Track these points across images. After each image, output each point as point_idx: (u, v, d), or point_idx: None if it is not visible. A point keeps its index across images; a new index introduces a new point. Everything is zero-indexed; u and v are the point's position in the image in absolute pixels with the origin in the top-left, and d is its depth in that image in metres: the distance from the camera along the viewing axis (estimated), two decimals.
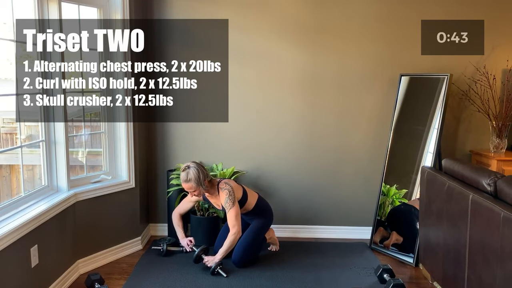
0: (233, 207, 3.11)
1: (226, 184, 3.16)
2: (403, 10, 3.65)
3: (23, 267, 2.45)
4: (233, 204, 3.12)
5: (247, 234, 3.27)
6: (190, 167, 3.10)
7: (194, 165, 3.11)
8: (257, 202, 3.33)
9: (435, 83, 3.47)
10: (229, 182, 3.21)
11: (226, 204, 3.11)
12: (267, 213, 3.39)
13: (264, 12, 3.68)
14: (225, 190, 3.12)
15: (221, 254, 3.11)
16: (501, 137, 3.53)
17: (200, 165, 3.15)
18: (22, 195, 2.69)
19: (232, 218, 3.11)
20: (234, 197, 3.13)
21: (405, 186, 3.54)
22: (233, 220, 3.11)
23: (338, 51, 3.70)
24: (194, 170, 3.08)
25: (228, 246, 3.12)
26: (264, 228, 3.37)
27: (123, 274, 3.12)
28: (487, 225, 2.13)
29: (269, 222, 3.40)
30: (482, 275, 2.19)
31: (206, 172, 3.14)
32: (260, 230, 3.33)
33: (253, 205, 3.30)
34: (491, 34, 3.62)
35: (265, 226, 3.37)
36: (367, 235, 3.77)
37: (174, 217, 3.42)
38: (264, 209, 3.38)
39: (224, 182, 3.18)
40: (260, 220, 3.34)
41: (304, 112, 3.78)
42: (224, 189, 3.13)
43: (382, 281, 2.96)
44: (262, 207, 3.37)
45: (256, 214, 3.33)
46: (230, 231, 3.12)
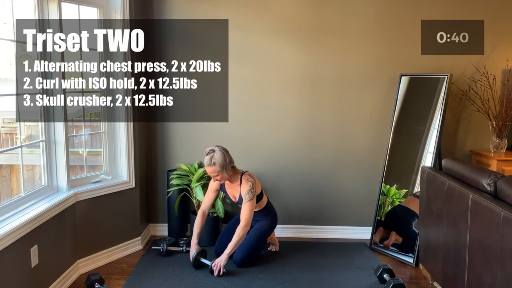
0: (251, 200, 3.12)
1: (250, 176, 3.18)
2: (403, 10, 3.65)
3: (23, 267, 2.45)
4: (252, 198, 3.13)
5: (251, 235, 3.26)
6: (215, 150, 3.08)
7: (219, 148, 3.09)
8: (267, 203, 3.37)
9: (435, 83, 3.47)
10: (252, 175, 3.22)
11: (246, 195, 3.11)
12: (273, 216, 3.41)
13: (264, 12, 3.68)
14: (249, 182, 3.14)
15: (229, 249, 3.08)
16: (501, 137, 3.53)
17: (225, 149, 3.13)
18: (22, 195, 2.69)
19: (247, 210, 3.11)
20: (255, 191, 3.14)
21: (405, 186, 3.54)
22: (248, 212, 3.10)
23: (338, 50, 3.70)
24: (220, 153, 3.06)
25: (237, 239, 3.09)
26: (268, 230, 3.38)
27: (123, 274, 3.12)
28: (487, 225, 2.13)
29: (273, 225, 3.41)
30: (482, 275, 2.19)
31: (230, 157, 3.13)
32: (264, 232, 3.34)
33: (264, 205, 3.33)
34: (491, 34, 3.62)
35: (269, 229, 3.38)
36: (367, 235, 3.77)
37: (198, 216, 3.28)
38: (271, 211, 3.39)
39: (248, 174, 3.20)
40: (266, 222, 3.35)
41: (304, 111, 3.78)
42: (248, 181, 3.14)
43: (382, 281, 2.96)
44: (270, 209, 3.39)
45: (263, 215, 3.34)
46: (241, 223, 3.10)
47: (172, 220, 3.77)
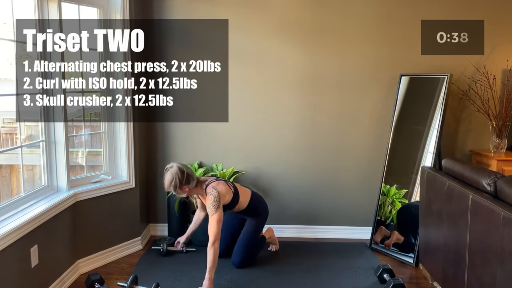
0: (215, 213, 2.92)
1: (213, 189, 2.99)
2: (403, 10, 3.65)
3: (23, 267, 2.44)
4: (216, 211, 2.93)
5: (244, 235, 3.26)
6: (167, 169, 2.96)
7: (174, 169, 2.94)
8: (251, 200, 3.25)
9: (435, 83, 3.47)
10: (217, 186, 3.02)
11: (209, 210, 2.96)
12: (262, 209, 3.34)
13: (264, 12, 3.68)
14: (211, 196, 2.96)
15: (209, 273, 2.81)
16: (501, 137, 3.53)
17: (181, 168, 2.95)
18: (22, 195, 2.69)
19: (213, 225, 2.90)
20: (219, 203, 2.97)
21: (405, 186, 3.54)
22: (214, 227, 2.89)
23: (338, 51, 3.70)
24: (170, 173, 2.94)
25: (212, 259, 2.82)
26: (260, 225, 3.33)
27: (123, 274, 3.12)
28: (487, 225, 2.13)
29: (264, 218, 3.36)
30: (482, 275, 2.19)
31: (187, 176, 2.94)
32: (256, 228, 3.30)
33: (247, 204, 3.23)
34: (491, 34, 3.62)
35: (261, 223, 3.34)
36: (367, 235, 3.77)
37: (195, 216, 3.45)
38: (258, 206, 3.30)
39: (211, 187, 3.01)
40: (255, 217, 3.31)
41: (304, 112, 3.78)
42: (210, 194, 2.97)
43: (382, 281, 2.96)
44: (256, 203, 3.29)
45: (250, 212, 3.29)
46: (209, 240, 2.87)
47: (172, 220, 3.77)
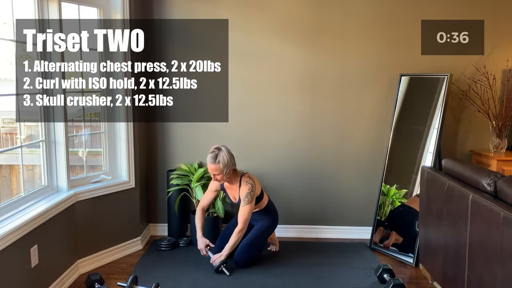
0: (249, 203, 3.13)
1: (249, 178, 3.18)
2: (403, 10, 3.65)
3: (23, 267, 2.44)
4: (251, 201, 3.14)
5: (252, 235, 3.27)
6: (221, 149, 3.10)
7: (225, 148, 3.11)
8: (268, 203, 3.36)
9: (435, 83, 3.47)
10: (252, 177, 3.22)
11: (245, 198, 3.12)
12: (274, 216, 3.40)
13: (264, 12, 3.68)
14: (249, 185, 3.14)
15: (227, 251, 3.11)
16: (501, 137, 3.53)
17: (230, 151, 3.14)
18: (22, 195, 2.69)
19: (245, 213, 3.12)
20: (254, 193, 3.15)
21: (405, 186, 3.54)
22: (246, 216, 3.12)
23: (338, 51, 3.70)
24: (225, 153, 3.08)
25: (234, 241, 3.13)
26: (269, 230, 3.38)
27: (123, 274, 3.12)
28: (487, 225, 2.13)
29: (274, 225, 3.41)
30: (482, 275, 2.19)
31: (234, 159, 3.14)
32: (264, 232, 3.34)
33: (265, 205, 3.32)
34: (491, 34, 3.61)
35: (270, 228, 3.38)
36: (367, 235, 3.77)
37: (198, 212, 3.33)
38: (271, 211, 3.39)
39: (248, 176, 3.20)
40: (266, 222, 3.34)
41: (304, 112, 3.78)
42: (247, 183, 3.15)
43: (382, 281, 2.96)
44: (271, 209, 3.39)
45: (264, 215, 3.34)
46: (238, 226, 3.13)
47: (172, 220, 3.77)
